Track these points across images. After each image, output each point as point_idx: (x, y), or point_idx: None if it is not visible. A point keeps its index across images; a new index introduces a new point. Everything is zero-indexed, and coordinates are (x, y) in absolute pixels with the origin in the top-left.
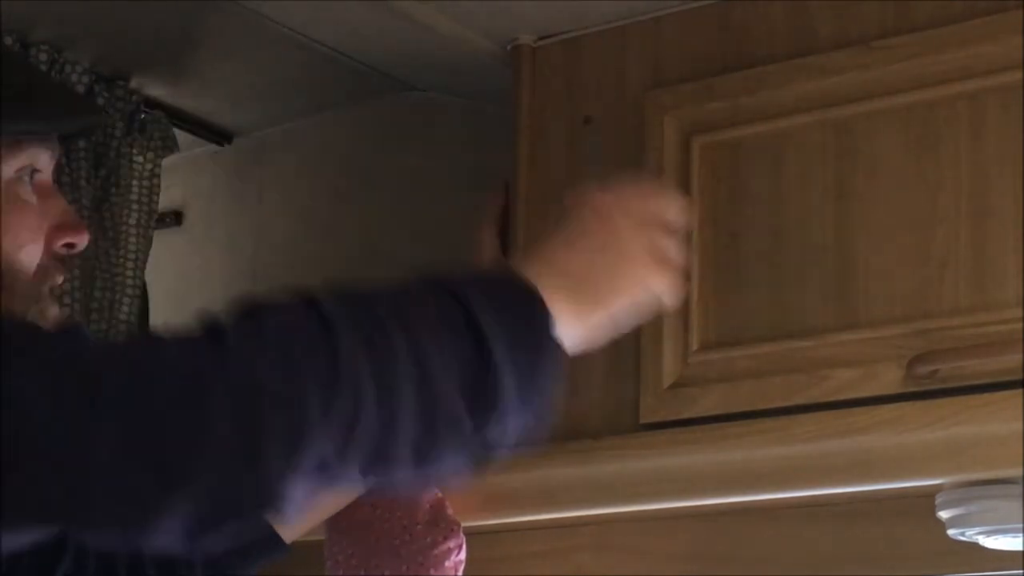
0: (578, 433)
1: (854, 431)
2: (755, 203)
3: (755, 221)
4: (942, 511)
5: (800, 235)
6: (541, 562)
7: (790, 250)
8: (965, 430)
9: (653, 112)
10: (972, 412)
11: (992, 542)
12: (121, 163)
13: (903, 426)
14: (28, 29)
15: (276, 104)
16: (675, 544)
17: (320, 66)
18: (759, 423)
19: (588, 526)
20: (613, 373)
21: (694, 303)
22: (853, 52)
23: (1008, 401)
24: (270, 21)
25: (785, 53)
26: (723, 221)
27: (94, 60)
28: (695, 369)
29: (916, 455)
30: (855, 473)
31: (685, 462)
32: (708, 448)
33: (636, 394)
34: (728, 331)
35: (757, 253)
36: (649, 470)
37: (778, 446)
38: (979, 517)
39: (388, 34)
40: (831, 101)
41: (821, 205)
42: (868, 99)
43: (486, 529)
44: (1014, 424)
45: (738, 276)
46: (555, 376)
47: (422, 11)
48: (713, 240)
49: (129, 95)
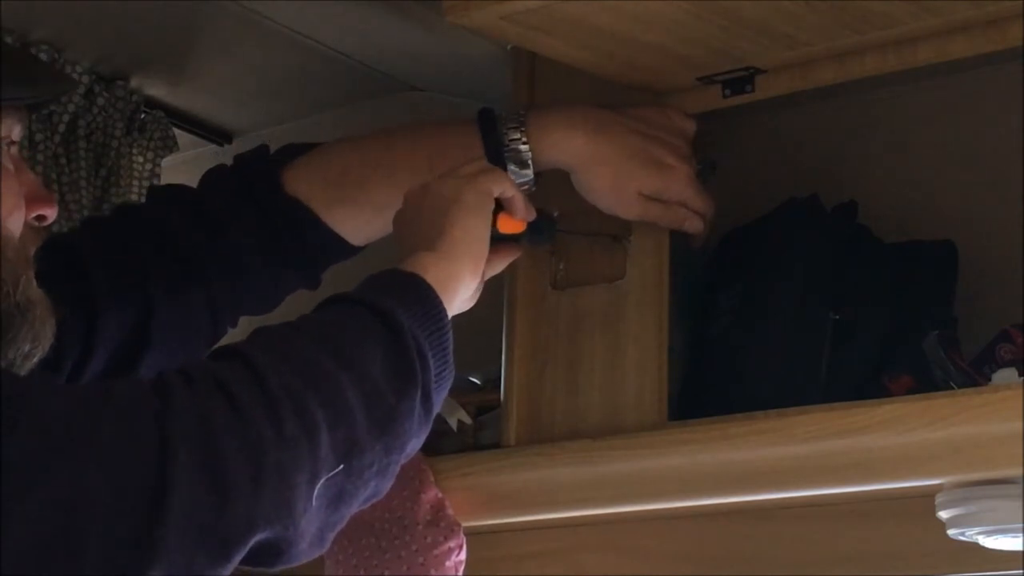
0: (578, 433)
1: (854, 431)
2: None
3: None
4: (942, 511)
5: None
6: (541, 562)
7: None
8: (965, 430)
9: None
10: (972, 412)
11: (992, 542)
12: (121, 163)
13: (903, 426)
14: (28, 29)
15: (276, 104)
16: (675, 544)
17: (320, 66)
18: (759, 423)
19: (588, 526)
20: (612, 373)
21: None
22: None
23: (1008, 401)
24: (270, 21)
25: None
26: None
27: (94, 60)
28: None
29: (916, 455)
30: (855, 473)
31: (685, 462)
32: (708, 448)
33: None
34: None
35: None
36: (649, 470)
37: (778, 446)
38: (979, 517)
39: (388, 34)
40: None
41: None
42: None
43: (486, 529)
44: (1014, 424)
45: None
46: (445, 325)
47: (422, 11)
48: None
49: (129, 95)
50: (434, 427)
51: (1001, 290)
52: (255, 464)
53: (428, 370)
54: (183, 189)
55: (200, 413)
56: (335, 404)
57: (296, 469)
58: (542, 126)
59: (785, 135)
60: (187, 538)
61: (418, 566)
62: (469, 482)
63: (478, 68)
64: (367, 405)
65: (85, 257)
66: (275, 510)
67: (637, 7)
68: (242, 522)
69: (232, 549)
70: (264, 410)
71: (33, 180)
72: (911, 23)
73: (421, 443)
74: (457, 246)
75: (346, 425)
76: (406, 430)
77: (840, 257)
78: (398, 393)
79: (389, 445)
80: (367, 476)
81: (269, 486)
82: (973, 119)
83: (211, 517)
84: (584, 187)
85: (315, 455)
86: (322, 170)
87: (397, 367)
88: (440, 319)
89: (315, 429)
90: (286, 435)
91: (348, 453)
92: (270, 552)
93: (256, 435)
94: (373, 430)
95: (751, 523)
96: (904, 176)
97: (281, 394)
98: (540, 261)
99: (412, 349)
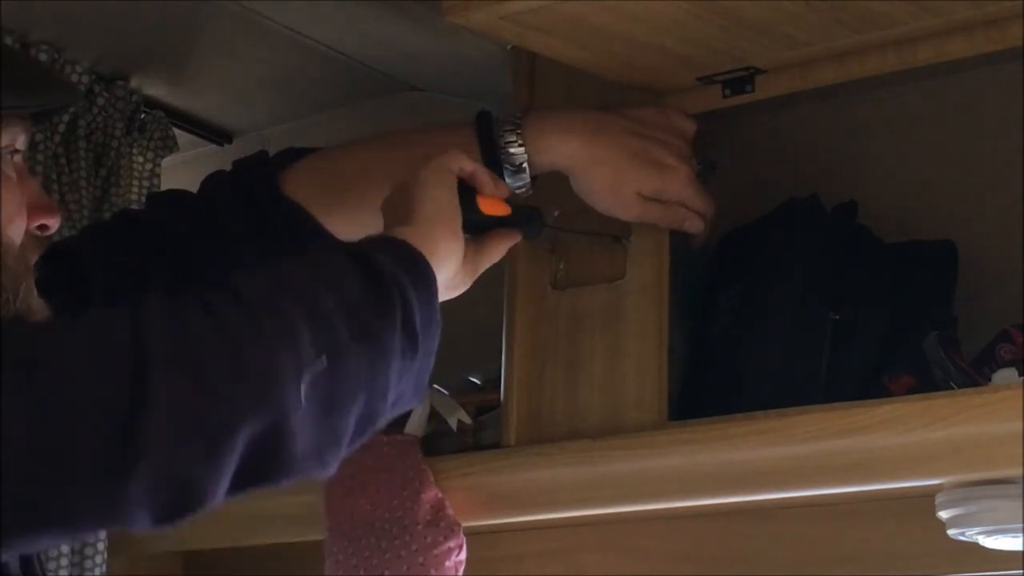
0: (578, 433)
1: (854, 431)
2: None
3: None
4: (942, 511)
5: None
6: (541, 562)
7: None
8: (965, 430)
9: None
10: (972, 412)
11: (992, 542)
12: (121, 163)
13: (903, 426)
14: (28, 29)
15: (276, 104)
16: (675, 544)
17: (320, 66)
18: (759, 423)
19: (588, 526)
20: (612, 373)
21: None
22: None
23: (1008, 401)
24: (270, 21)
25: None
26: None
27: (94, 60)
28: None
29: (916, 455)
30: (855, 473)
31: (685, 462)
32: (708, 448)
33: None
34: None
35: None
36: (649, 470)
37: (778, 446)
38: (979, 517)
39: (388, 34)
40: None
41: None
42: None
43: (486, 529)
44: (1014, 424)
45: None
46: (431, 284)
47: (422, 11)
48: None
49: (129, 95)
50: (434, 427)
51: (1001, 290)
52: (233, 355)
53: (408, 299)
54: (183, 194)
55: (175, 316)
56: (312, 307)
57: (277, 361)
58: (538, 129)
59: (785, 135)
60: (170, 431)
61: (418, 566)
62: (469, 482)
63: (478, 68)
64: (345, 315)
65: (86, 262)
66: (259, 400)
67: (637, 7)
68: (226, 412)
69: (220, 444)
70: (239, 310)
71: (36, 190)
72: (911, 23)
73: (415, 394)
74: (426, 216)
75: (325, 328)
76: (389, 346)
77: (840, 257)
78: (376, 312)
79: (373, 359)
80: (353, 385)
81: (250, 375)
82: (973, 119)
83: (193, 409)
84: (583, 189)
85: (296, 349)
86: (320, 174)
87: (375, 290)
88: (417, 262)
89: (293, 326)
90: (264, 330)
91: (330, 352)
92: (265, 454)
93: (233, 331)
94: (353, 337)
95: (751, 523)
96: (904, 176)
97: (257, 299)
98: (540, 261)
99: (388, 277)
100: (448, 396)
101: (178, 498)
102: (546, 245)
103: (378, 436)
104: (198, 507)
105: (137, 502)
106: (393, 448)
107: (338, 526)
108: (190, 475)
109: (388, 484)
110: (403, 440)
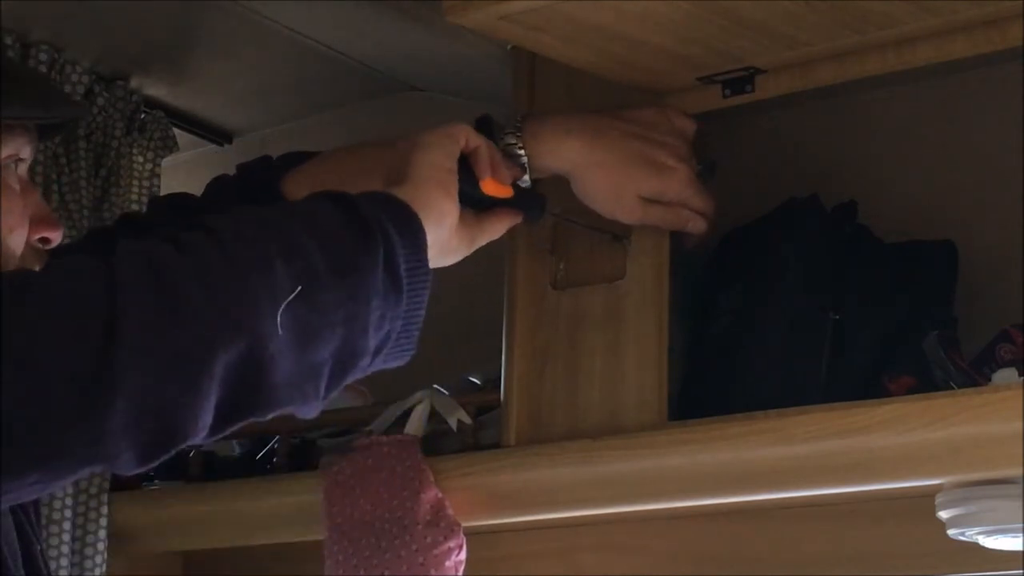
0: (578, 433)
1: (854, 431)
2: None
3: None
4: (942, 511)
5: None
6: (541, 562)
7: None
8: (965, 430)
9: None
10: (972, 412)
11: (992, 542)
12: (121, 163)
13: (903, 426)
14: (28, 29)
15: (276, 104)
16: (675, 544)
17: (320, 66)
18: (759, 423)
19: (588, 526)
20: (612, 373)
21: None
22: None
23: (1008, 401)
24: (270, 21)
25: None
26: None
27: (94, 60)
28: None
29: (916, 455)
30: (855, 473)
31: (685, 462)
32: (708, 448)
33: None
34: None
35: None
36: (649, 470)
37: (778, 446)
38: (979, 517)
39: (388, 34)
40: None
41: None
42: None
43: (486, 529)
44: (1014, 424)
45: None
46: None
47: (422, 11)
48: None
49: (129, 95)
50: (434, 427)
51: (1001, 290)
52: (204, 284)
53: (391, 241)
54: (186, 197)
55: (145, 253)
56: (288, 242)
57: (250, 287)
58: (538, 133)
59: (785, 135)
60: (145, 362)
61: (418, 566)
62: (469, 482)
63: (478, 68)
64: (323, 248)
65: None
66: (234, 326)
67: (637, 7)
68: (200, 340)
69: (197, 371)
70: (211, 242)
71: (39, 203)
72: (911, 23)
73: (401, 347)
74: (420, 176)
75: (301, 258)
76: (369, 283)
77: (840, 257)
78: (356, 248)
79: (352, 292)
80: (332, 317)
81: (221, 302)
82: (973, 119)
83: (166, 337)
84: (583, 193)
85: (269, 279)
86: (321, 177)
87: (356, 228)
88: (407, 214)
89: (266, 256)
90: (236, 259)
91: (306, 282)
92: (244, 383)
93: (205, 260)
94: (331, 270)
95: (751, 523)
96: (904, 176)
97: (228, 233)
98: (540, 261)
99: (370, 219)
100: (448, 396)
101: (159, 429)
102: (546, 246)
103: (378, 436)
104: (181, 440)
105: (119, 435)
106: (393, 448)
107: (338, 526)
108: (169, 405)
109: (388, 484)
110: (403, 440)
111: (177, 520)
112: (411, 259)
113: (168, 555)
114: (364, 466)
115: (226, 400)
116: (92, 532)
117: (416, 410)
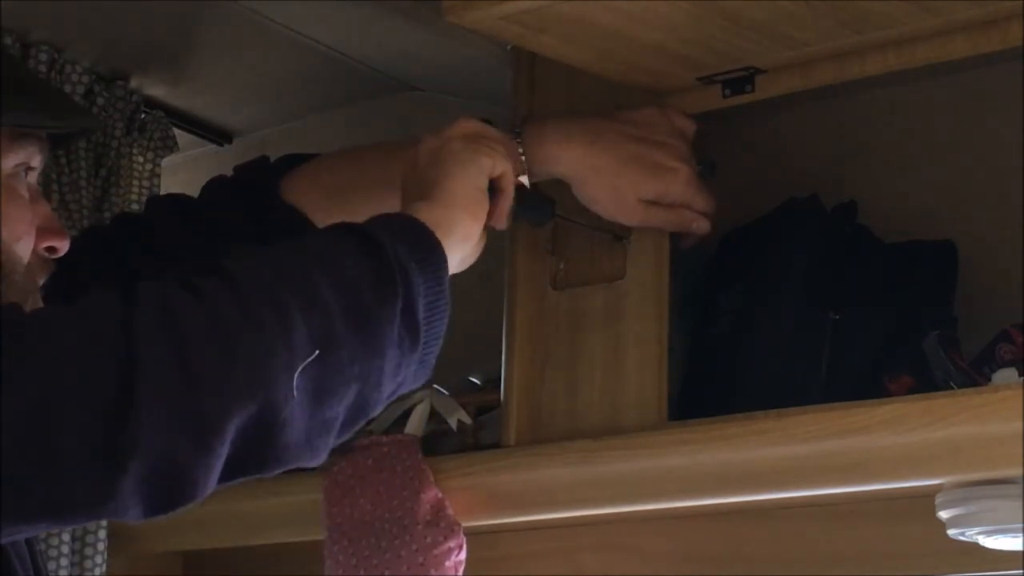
0: (578, 433)
1: (854, 431)
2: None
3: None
4: (942, 511)
5: None
6: (541, 562)
7: None
8: (965, 430)
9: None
10: (972, 412)
11: (992, 542)
12: (121, 163)
13: (903, 426)
14: (28, 29)
15: (276, 104)
16: (675, 544)
17: (320, 66)
18: (759, 423)
19: (589, 526)
20: (612, 373)
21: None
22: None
23: (1008, 401)
24: (270, 21)
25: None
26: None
27: (94, 60)
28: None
29: (916, 455)
30: (855, 473)
31: (685, 462)
32: (708, 448)
33: (635, 394)
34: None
35: None
36: (649, 470)
37: (778, 446)
38: (979, 517)
39: (388, 34)
40: None
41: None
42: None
43: (486, 529)
44: (1014, 424)
45: None
46: (442, 267)
47: (422, 11)
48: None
49: (129, 95)
50: (434, 427)
51: (1001, 290)
52: (223, 345)
53: (411, 286)
54: (183, 198)
55: (165, 307)
56: (308, 295)
57: (268, 351)
58: (537, 138)
59: (785, 135)
60: (162, 424)
61: (418, 566)
62: (469, 482)
63: (478, 68)
64: (342, 302)
65: (85, 268)
66: (250, 391)
67: (637, 7)
68: (216, 403)
69: (212, 434)
70: (231, 297)
71: (48, 212)
72: (911, 23)
73: (416, 378)
74: (451, 194)
75: (320, 316)
76: (386, 336)
77: (840, 257)
78: (376, 298)
79: (369, 347)
80: (347, 375)
81: (240, 366)
82: (973, 119)
83: (184, 400)
84: (584, 197)
85: (288, 340)
86: (320, 180)
87: (376, 275)
88: (429, 245)
89: (287, 315)
90: (255, 319)
91: (324, 343)
92: (256, 444)
93: (225, 320)
94: (350, 326)
95: (751, 523)
96: (904, 176)
97: (251, 287)
98: (540, 261)
99: (392, 262)
100: (448, 396)
101: (169, 488)
102: (546, 246)
103: (378, 436)
104: (190, 498)
105: (129, 492)
106: (393, 448)
107: (338, 526)
108: (181, 466)
109: (388, 484)
110: (403, 440)
111: (177, 520)
112: (431, 293)
113: (168, 555)
114: (364, 466)
115: (235, 460)
116: (92, 532)
117: (416, 410)
